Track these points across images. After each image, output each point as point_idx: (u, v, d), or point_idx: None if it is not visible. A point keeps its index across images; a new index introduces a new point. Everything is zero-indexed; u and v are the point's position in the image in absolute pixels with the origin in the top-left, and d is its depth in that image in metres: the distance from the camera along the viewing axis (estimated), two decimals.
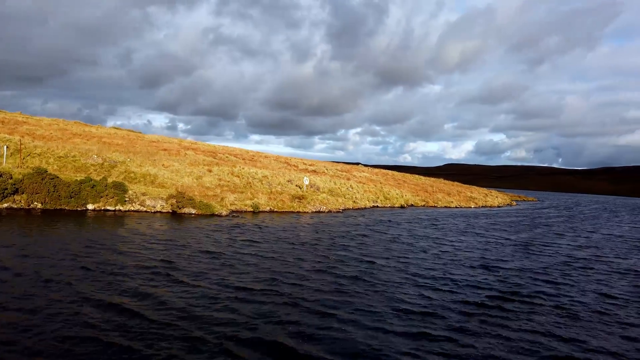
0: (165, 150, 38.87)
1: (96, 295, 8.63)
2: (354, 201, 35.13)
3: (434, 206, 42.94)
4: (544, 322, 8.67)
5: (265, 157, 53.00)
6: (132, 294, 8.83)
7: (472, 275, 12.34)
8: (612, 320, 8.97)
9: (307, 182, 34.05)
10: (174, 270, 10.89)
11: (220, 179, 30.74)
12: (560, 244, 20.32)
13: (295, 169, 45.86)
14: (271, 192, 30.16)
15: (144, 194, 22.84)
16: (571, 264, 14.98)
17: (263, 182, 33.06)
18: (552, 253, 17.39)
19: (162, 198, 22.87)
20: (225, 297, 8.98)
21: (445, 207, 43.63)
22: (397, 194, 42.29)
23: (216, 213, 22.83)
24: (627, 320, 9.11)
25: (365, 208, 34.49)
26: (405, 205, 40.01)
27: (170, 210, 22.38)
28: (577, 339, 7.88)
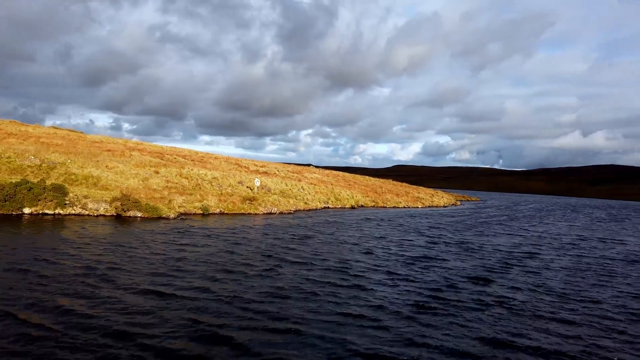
0: (109, 151, 37.39)
1: None
2: (306, 202, 35.35)
3: (383, 207, 43.96)
4: (478, 317, 9.15)
5: (216, 158, 52.17)
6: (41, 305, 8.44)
7: (413, 273, 12.75)
8: (544, 315, 9.59)
9: (258, 184, 33.89)
10: (101, 277, 10.55)
11: (168, 181, 29.98)
12: (497, 242, 21.35)
13: (247, 170, 45.49)
14: (221, 193, 29.78)
15: (86, 197, 21.90)
16: (507, 261, 15.76)
17: (213, 183, 32.57)
18: (490, 251, 18.27)
19: (105, 201, 22.03)
20: (152, 305, 8.72)
21: (394, 207, 44.77)
22: (347, 195, 42.94)
23: (164, 216, 22.27)
24: (559, 315, 9.79)
25: (316, 209, 34.78)
26: (356, 206, 40.71)
27: (115, 214, 21.60)
28: (508, 331, 8.39)
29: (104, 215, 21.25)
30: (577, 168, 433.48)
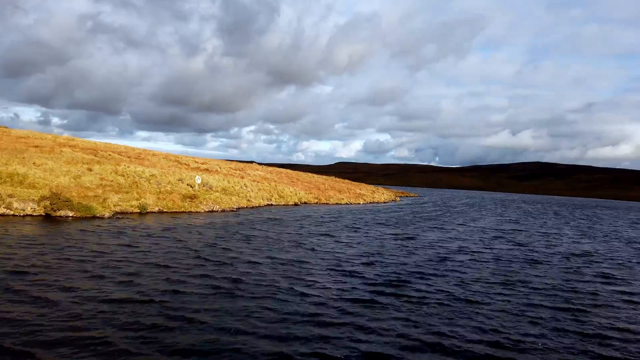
0: (37, 147, 35.02)
1: None
2: (248, 200, 35.05)
3: (326, 203, 44.50)
4: (414, 311, 9.54)
5: (154, 155, 50.36)
6: None
7: (355, 269, 12.98)
8: (472, 309, 10.15)
9: (199, 181, 33.15)
10: (20, 280, 10.01)
11: (102, 179, 28.59)
12: (433, 237, 22.28)
13: (187, 167, 44.32)
14: (160, 191, 28.85)
15: (10, 196, 20.43)
16: (442, 255, 16.38)
17: (151, 181, 31.46)
18: (427, 245, 19.06)
19: (33, 200, 20.66)
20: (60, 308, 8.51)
21: (337, 203, 45.47)
22: (291, 192, 43.05)
23: (98, 215, 21.26)
24: (484, 309, 10.45)
25: (259, 206, 34.60)
26: (299, 203, 40.91)
27: (44, 214, 20.33)
28: (430, 323, 8.68)
29: (31, 215, 19.94)
30: (507, 165, 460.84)
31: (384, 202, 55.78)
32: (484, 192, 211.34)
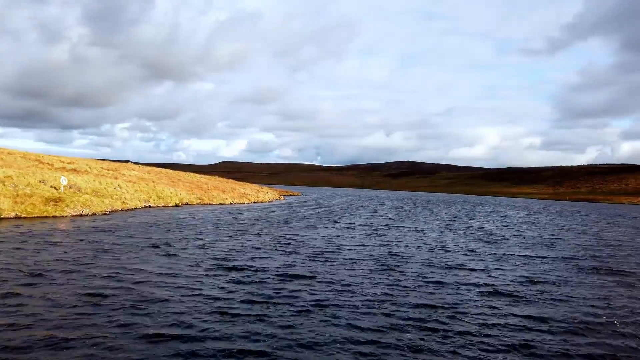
0: None
1: None
2: (123, 202, 32.81)
3: (209, 203, 43.51)
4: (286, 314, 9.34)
5: (9, 153, 44.39)
6: None
7: (232, 274, 12.33)
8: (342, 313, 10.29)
9: (65, 183, 30.13)
10: None
11: None
12: (313, 235, 23.06)
13: (50, 167, 39.91)
14: (17, 195, 25.66)
15: None
16: (320, 254, 16.65)
17: (6, 183, 27.79)
18: (306, 244, 19.73)
19: None
20: None
21: (220, 204, 44.71)
22: (171, 193, 41.25)
23: None
24: (356, 309, 11.30)
25: (136, 209, 32.59)
26: (180, 204, 39.42)
27: None
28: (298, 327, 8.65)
29: None
30: (381, 164, 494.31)
31: (269, 201, 56.23)
32: (361, 190, 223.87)
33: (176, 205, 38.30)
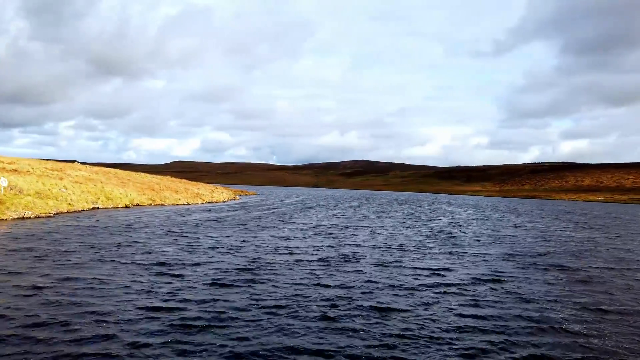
0: None
1: None
2: (69, 203, 31.47)
3: (162, 204, 42.46)
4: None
5: None
6: None
7: (172, 283, 11.72)
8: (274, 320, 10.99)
9: (5, 184, 28.54)
10: None
11: None
12: (267, 235, 22.85)
13: None
14: None
15: None
16: (271, 254, 16.66)
17: None
18: (259, 245, 19.73)
19: None
20: None
21: (173, 204, 43.72)
22: (121, 194, 39.93)
23: None
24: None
25: (83, 210, 31.34)
26: (131, 205, 38.24)
27: None
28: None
29: None
30: (336, 163, 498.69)
31: (224, 202, 55.53)
32: (317, 189, 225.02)
33: (126, 207, 37.13)
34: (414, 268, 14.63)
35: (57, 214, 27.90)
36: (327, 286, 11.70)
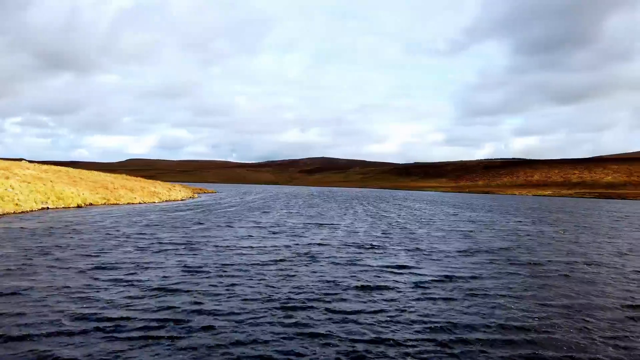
0: None
1: None
2: (17, 204, 30.01)
3: (116, 203, 41.16)
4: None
5: None
6: None
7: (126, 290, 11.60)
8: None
9: None
10: None
11: None
12: (225, 235, 22.78)
13: None
14: None
15: None
16: (233, 255, 16.60)
17: None
18: (215, 246, 19.59)
19: None
20: None
21: (129, 203, 42.48)
22: (72, 193, 38.41)
23: None
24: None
25: (32, 211, 29.95)
26: (83, 205, 36.88)
27: None
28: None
29: None
30: (297, 160, 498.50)
31: (182, 200, 54.46)
32: (277, 186, 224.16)
33: (79, 206, 35.78)
34: (372, 267, 14.36)
35: (4, 214, 26.56)
36: (281, 287, 11.34)
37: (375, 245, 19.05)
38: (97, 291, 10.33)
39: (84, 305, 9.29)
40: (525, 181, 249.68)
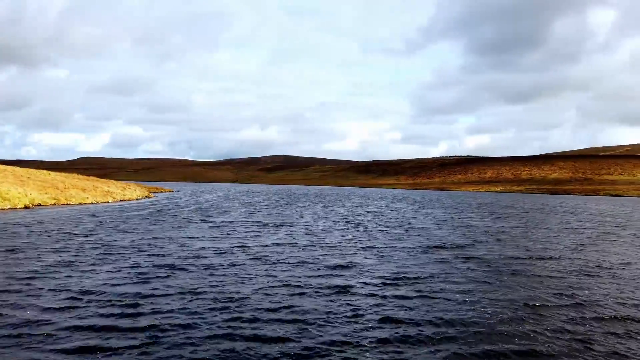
0: None
1: None
2: None
3: (67, 204, 39.45)
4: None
5: None
6: None
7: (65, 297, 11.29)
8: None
9: None
10: None
11: None
12: (183, 235, 21.82)
13: None
14: None
15: None
16: (188, 257, 16.15)
17: None
18: (177, 248, 19.11)
19: None
20: None
21: (80, 203, 40.81)
22: (19, 193, 36.49)
23: None
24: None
25: None
26: (31, 205, 35.12)
27: None
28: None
29: None
30: (257, 158, 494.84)
31: (137, 200, 52.84)
32: (237, 185, 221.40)
33: (26, 207, 34.04)
34: (329, 266, 14.09)
35: None
36: (236, 291, 10.81)
37: (333, 244, 18.84)
38: (32, 298, 9.49)
39: (15, 313, 8.53)
40: (479, 178, 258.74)
